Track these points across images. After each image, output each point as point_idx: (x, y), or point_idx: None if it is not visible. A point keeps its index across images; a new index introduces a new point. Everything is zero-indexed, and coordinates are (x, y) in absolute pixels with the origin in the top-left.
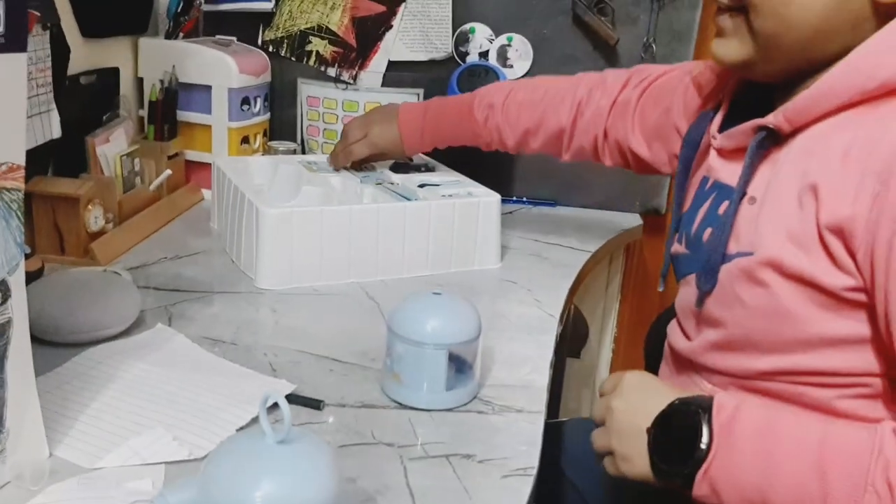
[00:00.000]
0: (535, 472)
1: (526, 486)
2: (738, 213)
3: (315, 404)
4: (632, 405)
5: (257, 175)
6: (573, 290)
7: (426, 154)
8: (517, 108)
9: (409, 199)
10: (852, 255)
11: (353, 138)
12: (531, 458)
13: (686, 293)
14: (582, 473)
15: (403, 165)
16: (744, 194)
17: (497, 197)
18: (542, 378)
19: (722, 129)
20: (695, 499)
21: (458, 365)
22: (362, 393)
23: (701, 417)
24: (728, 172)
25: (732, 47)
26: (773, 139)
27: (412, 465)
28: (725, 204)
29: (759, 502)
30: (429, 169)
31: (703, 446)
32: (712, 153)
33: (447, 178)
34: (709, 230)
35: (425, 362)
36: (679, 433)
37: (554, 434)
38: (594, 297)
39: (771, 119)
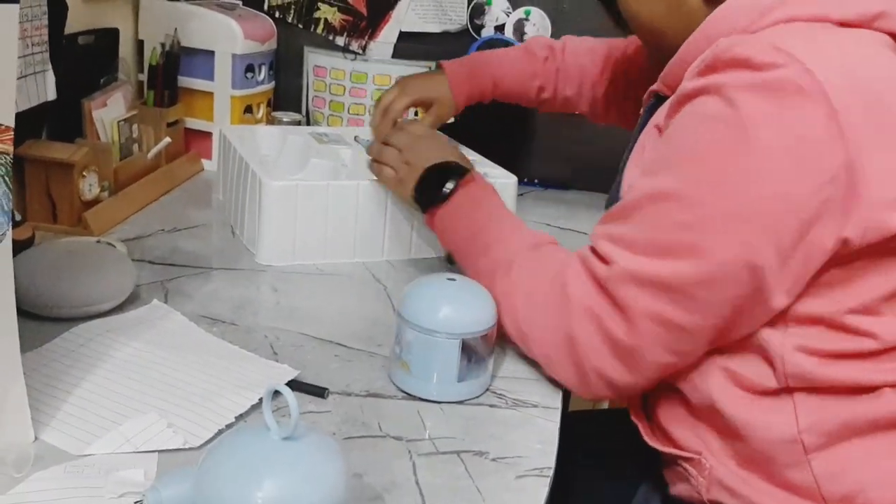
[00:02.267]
0: (551, 472)
1: (542, 487)
2: (626, 167)
3: (319, 392)
4: (423, 149)
5: (264, 145)
6: None
7: (467, 111)
8: (575, 51)
9: None
10: None
11: (388, 95)
12: (547, 457)
13: None
14: (589, 468)
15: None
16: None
17: (514, 179)
18: None
19: None
20: (426, 224)
21: (471, 355)
22: (369, 381)
23: (454, 176)
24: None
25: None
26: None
27: (421, 461)
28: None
29: (454, 248)
30: None
31: (444, 192)
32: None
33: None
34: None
35: (437, 352)
36: (438, 179)
37: (562, 425)
38: None
39: (656, 85)
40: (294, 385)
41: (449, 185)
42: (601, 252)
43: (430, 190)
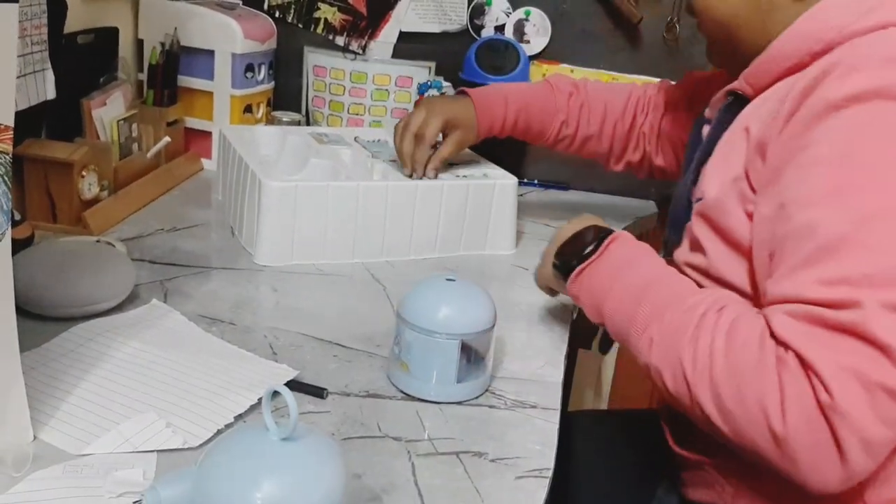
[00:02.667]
0: (550, 474)
1: (541, 489)
2: (705, 167)
3: (318, 392)
4: (564, 230)
5: (264, 145)
6: None
7: (492, 138)
8: (599, 90)
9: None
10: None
11: (417, 117)
12: (546, 458)
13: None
14: (588, 467)
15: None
16: (711, 151)
17: (514, 180)
18: (557, 372)
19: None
20: (568, 294)
21: (470, 356)
22: (368, 381)
23: (596, 238)
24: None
25: (712, 54)
26: (742, 103)
27: (420, 462)
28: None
29: (599, 309)
30: None
31: (588, 251)
32: (705, 125)
33: (464, 158)
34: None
35: (436, 352)
36: (578, 246)
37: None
38: None
39: (736, 83)
40: (293, 385)
41: (593, 244)
42: (828, 299)
43: (571, 253)
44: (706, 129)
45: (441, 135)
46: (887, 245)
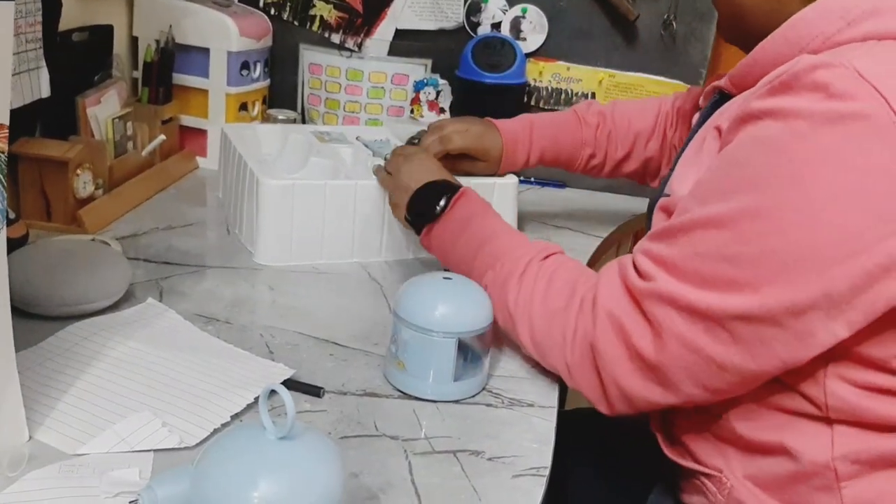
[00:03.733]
0: (547, 472)
1: (538, 487)
2: (679, 162)
3: (315, 391)
4: (413, 171)
5: (266, 144)
6: None
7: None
8: (626, 113)
9: None
10: None
11: (451, 127)
12: (543, 457)
13: None
14: (583, 465)
15: (419, 140)
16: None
17: (515, 180)
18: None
19: None
20: (422, 246)
21: (467, 354)
22: (364, 380)
23: (446, 194)
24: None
25: (723, 29)
26: (726, 101)
27: (417, 461)
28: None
29: (447, 259)
30: None
31: (437, 210)
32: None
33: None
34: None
35: (433, 351)
36: (429, 199)
37: (558, 423)
38: None
39: (721, 81)
40: (290, 384)
41: (441, 203)
42: (641, 268)
43: (423, 209)
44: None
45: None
46: (705, 250)
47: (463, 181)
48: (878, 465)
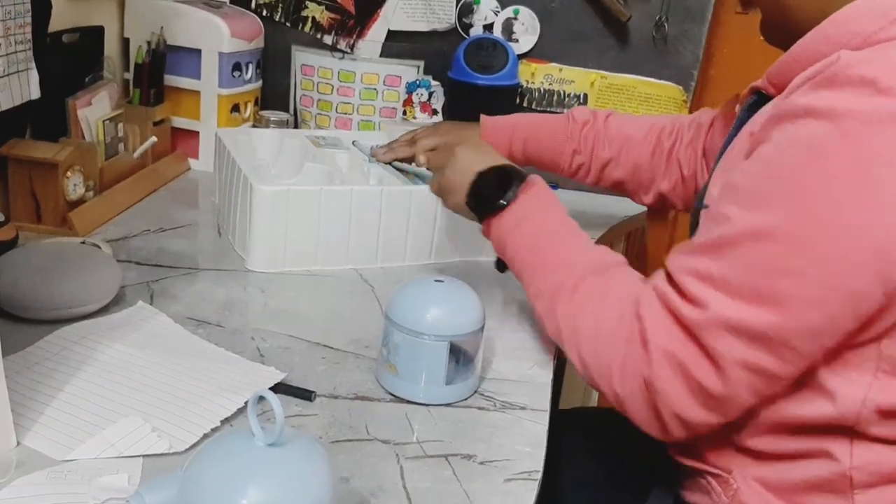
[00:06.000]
0: (539, 476)
1: (530, 491)
2: (715, 170)
3: (306, 395)
4: (471, 153)
5: (261, 149)
6: None
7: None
8: (619, 118)
9: (418, 183)
10: None
11: (422, 131)
12: (535, 461)
13: None
14: (579, 468)
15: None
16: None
17: None
18: (546, 373)
19: None
20: (483, 234)
21: (459, 357)
22: (356, 383)
23: (514, 183)
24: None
25: (766, 31)
26: (764, 103)
27: (409, 465)
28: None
29: (503, 248)
30: None
31: (502, 202)
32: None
33: None
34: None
35: (424, 354)
36: (494, 185)
37: (551, 424)
38: None
39: (759, 82)
40: (281, 388)
41: (509, 194)
42: (688, 291)
43: (489, 194)
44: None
45: None
46: (760, 264)
47: None
48: (895, 477)
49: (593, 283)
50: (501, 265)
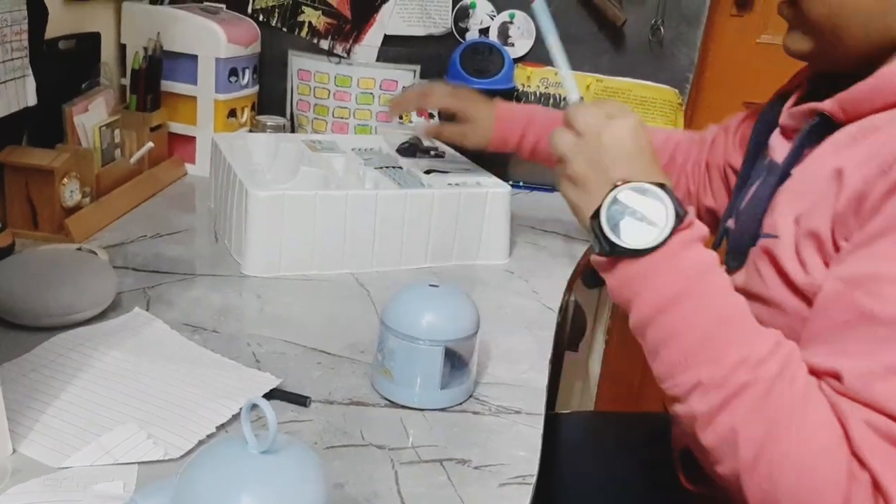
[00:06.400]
0: (534, 480)
1: (525, 496)
2: (778, 193)
3: (301, 401)
4: (621, 146)
5: (257, 153)
6: (571, 282)
7: (502, 151)
8: None
9: (414, 186)
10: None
11: (438, 87)
12: (530, 465)
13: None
14: (576, 471)
15: (411, 149)
16: (787, 175)
17: (507, 189)
18: (542, 377)
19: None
20: (594, 265)
21: (454, 361)
22: (351, 388)
23: (668, 216)
24: (783, 152)
25: (796, 39)
26: (829, 126)
27: (404, 470)
28: (771, 183)
29: (628, 303)
30: (438, 154)
31: (644, 246)
32: (776, 131)
33: (457, 166)
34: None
35: (419, 359)
36: (637, 211)
37: (547, 428)
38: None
39: (827, 105)
40: (276, 394)
41: (661, 230)
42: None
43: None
44: (777, 142)
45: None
46: None
47: (454, 191)
48: None
49: (783, 391)
50: (593, 280)
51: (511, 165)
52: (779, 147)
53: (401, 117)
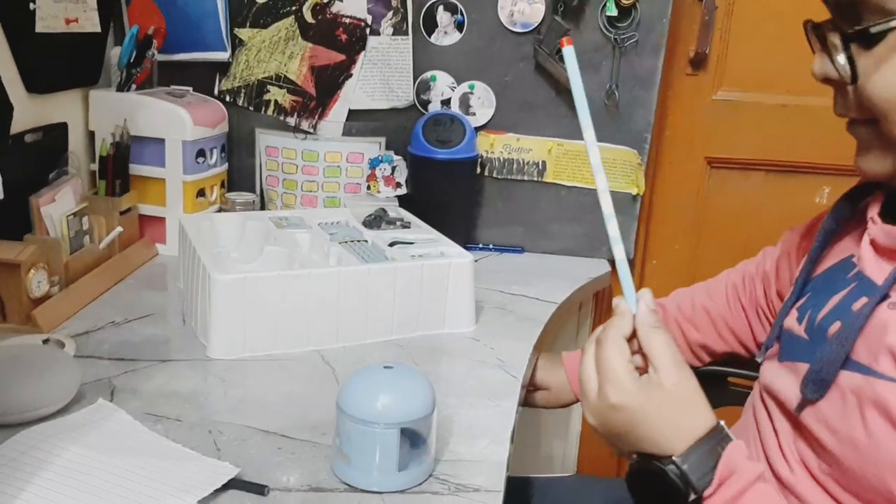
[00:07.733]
0: None
1: None
2: (874, 315)
3: (260, 490)
4: (650, 417)
5: (223, 233)
6: (538, 346)
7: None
8: (685, 295)
9: (377, 261)
10: None
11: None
12: None
13: (786, 381)
14: None
15: (376, 220)
16: (886, 296)
17: (470, 258)
18: (502, 451)
19: (882, 214)
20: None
21: (413, 440)
22: (311, 474)
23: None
24: (877, 268)
25: (874, 160)
26: None
27: None
28: (863, 301)
29: None
30: (404, 225)
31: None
32: (865, 239)
33: (421, 236)
34: (837, 324)
35: (375, 442)
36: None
37: (523, 491)
38: (564, 343)
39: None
40: (234, 484)
41: (703, 479)
42: None
43: (662, 471)
44: (867, 253)
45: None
46: None
47: (416, 264)
48: None
49: None
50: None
51: (479, 228)
52: (872, 261)
53: (369, 187)
